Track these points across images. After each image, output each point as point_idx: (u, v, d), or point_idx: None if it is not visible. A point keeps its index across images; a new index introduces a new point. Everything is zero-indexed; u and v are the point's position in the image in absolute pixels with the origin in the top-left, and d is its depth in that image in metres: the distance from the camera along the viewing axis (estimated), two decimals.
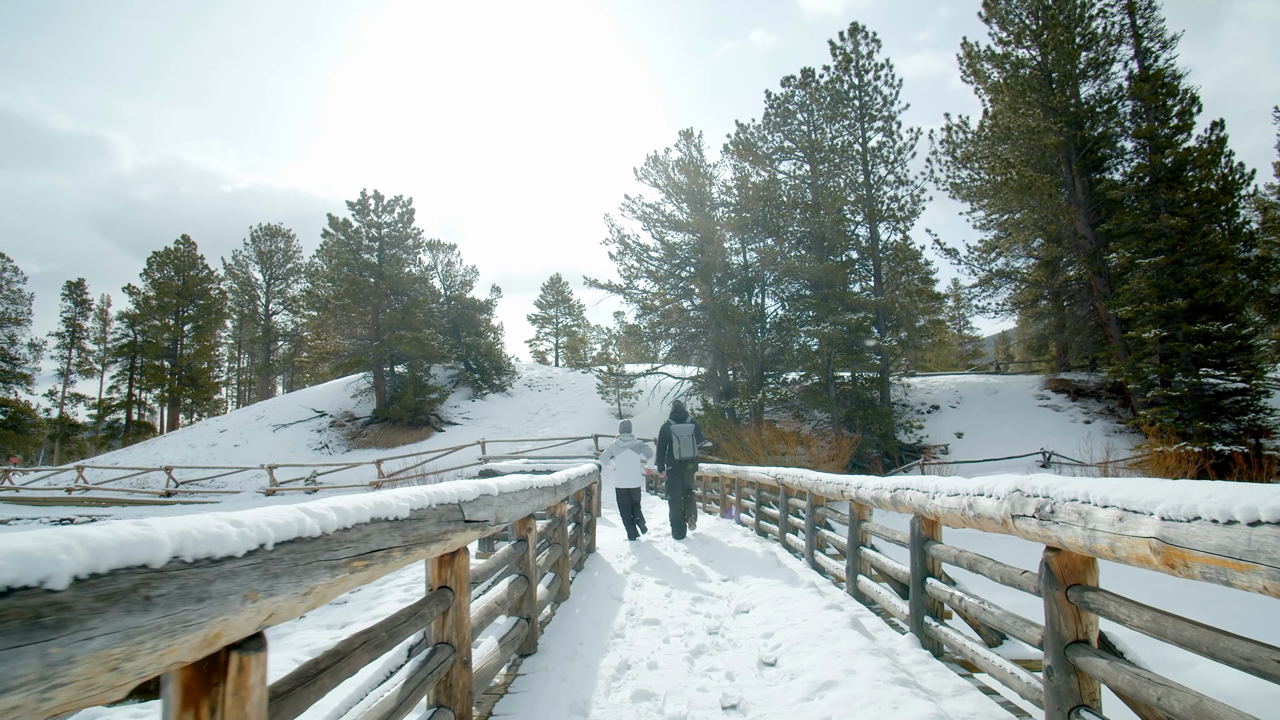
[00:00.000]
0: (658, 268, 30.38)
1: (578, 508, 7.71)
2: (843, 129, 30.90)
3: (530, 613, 4.47)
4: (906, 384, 31.62)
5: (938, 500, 4.12)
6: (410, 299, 35.37)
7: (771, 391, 26.58)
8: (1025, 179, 25.58)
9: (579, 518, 7.74)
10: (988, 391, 30.64)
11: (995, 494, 3.36)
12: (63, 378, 57.20)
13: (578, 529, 7.61)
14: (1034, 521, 2.99)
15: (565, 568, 6.12)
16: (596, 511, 9.40)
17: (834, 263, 27.97)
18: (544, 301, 56.14)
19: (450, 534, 2.67)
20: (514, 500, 3.71)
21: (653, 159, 29.92)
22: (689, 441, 10.25)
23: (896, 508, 4.90)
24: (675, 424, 10.32)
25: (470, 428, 33.20)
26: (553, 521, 5.82)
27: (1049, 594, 3.01)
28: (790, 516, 9.18)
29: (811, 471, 7.75)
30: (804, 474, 7.87)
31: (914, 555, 4.60)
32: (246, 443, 33.34)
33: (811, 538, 7.67)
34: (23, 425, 52.45)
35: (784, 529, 9.28)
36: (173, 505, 26.84)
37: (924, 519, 4.56)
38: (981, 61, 29.98)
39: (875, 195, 30.11)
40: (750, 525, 11.68)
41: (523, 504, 3.93)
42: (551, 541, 6.00)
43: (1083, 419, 27.02)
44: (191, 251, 55.80)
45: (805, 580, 6.49)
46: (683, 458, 10.18)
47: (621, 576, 7.19)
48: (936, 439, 26.92)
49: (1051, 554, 3.01)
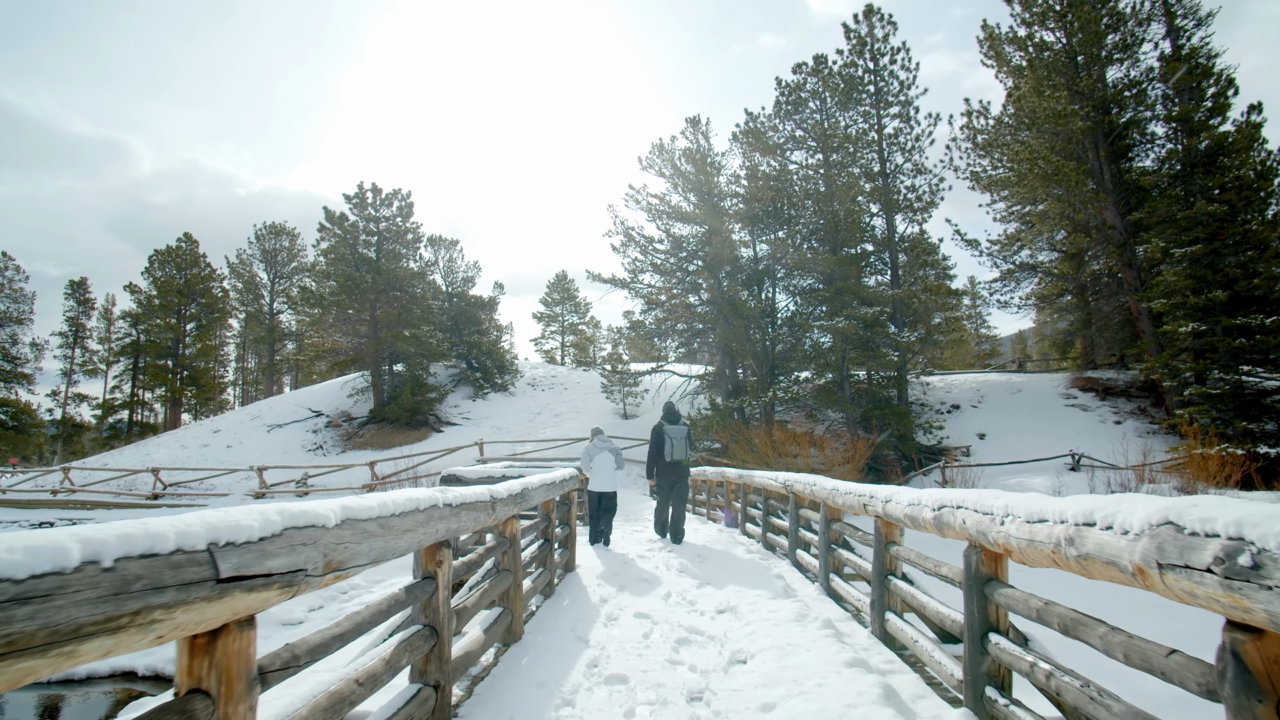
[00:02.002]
0: (663, 261, 29.09)
1: (546, 522, 6.48)
2: (857, 116, 29.56)
3: (440, 678, 3.25)
4: (925, 383, 30.22)
5: (1011, 527, 2.87)
6: (408, 295, 34.24)
7: (783, 390, 25.24)
8: (1052, 165, 24.16)
9: (549, 533, 6.50)
10: (1011, 390, 29.20)
11: (1125, 526, 2.11)
12: (66, 378, 56.62)
13: (546, 548, 6.37)
14: (1212, 579, 1.75)
15: (518, 601, 4.89)
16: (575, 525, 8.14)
17: (848, 255, 26.62)
18: (549, 299, 54.93)
19: (176, 609, 1.45)
20: (383, 530, 2.49)
21: (658, 147, 28.62)
22: (682, 444, 9.81)
23: (942, 531, 3.65)
24: (668, 425, 9.93)
25: (470, 428, 32.04)
26: (496, 545, 4.59)
27: (1242, 704, 1.75)
28: (802, 530, 7.91)
29: (826, 479, 6.49)
30: (817, 481, 6.61)
31: (970, 599, 3.34)
32: (240, 443, 32.31)
33: (826, 558, 6.41)
34: (24, 426, 51.86)
35: (794, 544, 8.01)
36: (158, 508, 25.81)
37: (984, 551, 3.30)
38: (1003, 44, 28.56)
39: (892, 185, 28.75)
40: (756, 537, 10.43)
41: (406, 534, 2.70)
42: (500, 569, 4.77)
43: (1113, 419, 25.56)
44: (194, 250, 55.03)
45: (819, 615, 5.23)
46: (675, 459, 9.75)
47: (596, 606, 5.94)
48: (958, 440, 25.54)
49: (1245, 637, 1.76)
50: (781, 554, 9.16)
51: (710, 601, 6.01)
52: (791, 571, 7.64)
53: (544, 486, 5.89)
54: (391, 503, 2.63)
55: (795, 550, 7.95)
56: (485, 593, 4.15)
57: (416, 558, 3.32)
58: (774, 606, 5.47)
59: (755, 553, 8.81)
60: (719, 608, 5.74)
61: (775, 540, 9.29)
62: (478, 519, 3.70)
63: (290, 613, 8.56)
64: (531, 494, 5.29)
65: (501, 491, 4.32)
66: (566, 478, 7.08)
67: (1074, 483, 20.26)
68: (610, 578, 7.20)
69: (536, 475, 6.36)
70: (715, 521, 13.61)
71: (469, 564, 3.89)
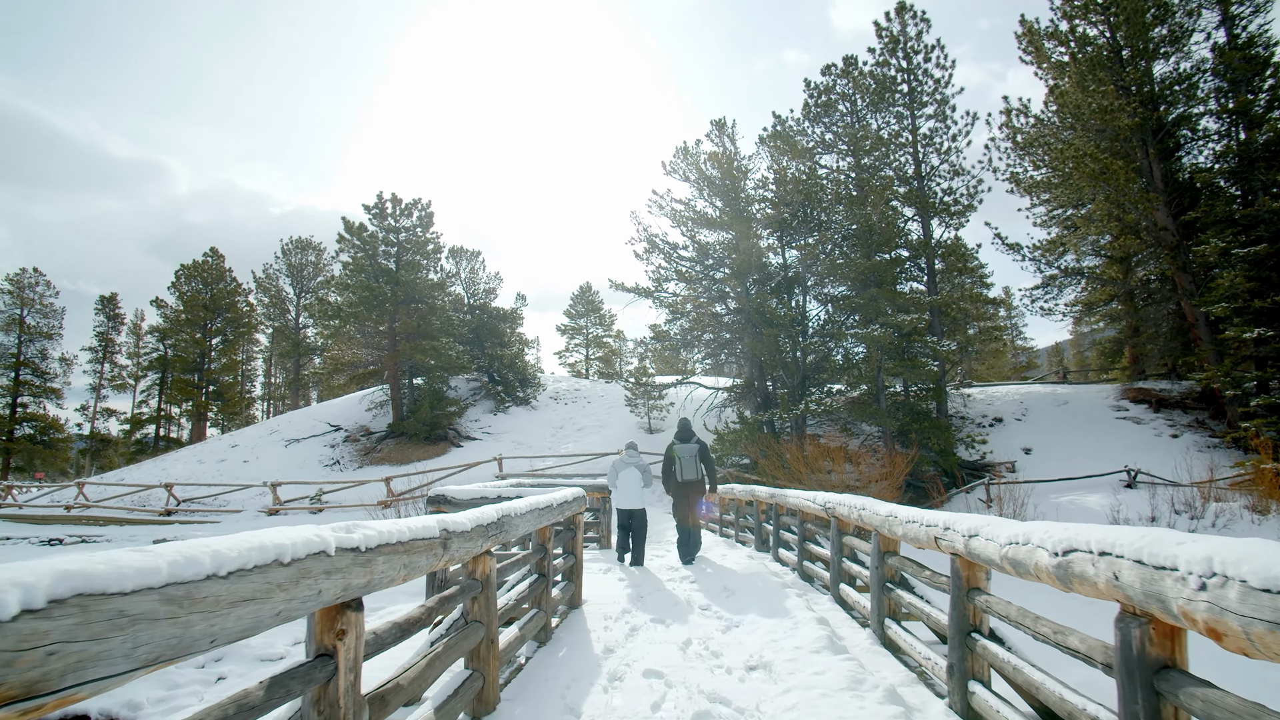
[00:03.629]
0: (689, 269, 27.99)
1: (542, 553, 5.42)
2: (890, 117, 28.36)
3: None
4: (965, 395, 28.79)
5: (1226, 594, 1.78)
6: (428, 306, 33.46)
7: (815, 402, 23.97)
8: (1100, 163, 22.76)
9: (545, 567, 5.44)
10: (1056, 403, 27.66)
11: None
12: (95, 393, 56.86)
13: (541, 584, 5.31)
14: None
15: (492, 661, 3.83)
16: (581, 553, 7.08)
17: (882, 261, 25.37)
18: (573, 311, 54.02)
19: None
20: (175, 607, 1.45)
21: (682, 151, 27.60)
22: (691, 463, 9.64)
23: (1071, 585, 2.54)
24: (678, 444, 9.79)
25: (490, 443, 31.11)
26: (460, 591, 3.54)
27: None
28: (846, 561, 6.77)
29: (880, 503, 5.36)
30: (867, 505, 5.49)
31: (1132, 695, 2.23)
32: (257, 458, 31.67)
33: (880, 599, 5.27)
34: (52, 440, 52.03)
35: (837, 577, 6.87)
36: (171, 524, 25.18)
37: (1155, 624, 2.19)
38: (1042, 39, 27.25)
39: (927, 188, 27.49)
40: (791, 565, 9.28)
41: (244, 605, 1.66)
42: (469, 619, 3.73)
43: (1168, 432, 23.97)
44: (220, 264, 55.09)
45: (877, 678, 4.11)
46: (684, 480, 9.60)
47: (599, 659, 4.86)
48: (1002, 455, 24.11)
49: None
50: (820, 586, 8.02)
51: (739, 653, 4.90)
52: (834, 610, 6.50)
53: (534, 512, 4.83)
54: (212, 554, 1.60)
55: (838, 584, 6.81)
56: (436, 660, 3.10)
57: (310, 626, 2.28)
58: (819, 665, 4.35)
59: (790, 585, 7.67)
60: (750, 663, 4.64)
61: (813, 570, 8.14)
62: (413, 564, 2.66)
63: None
64: (515, 522, 4.24)
65: (462, 522, 3.27)
66: (568, 499, 6.03)
67: (1132, 501, 18.78)
68: (621, 617, 6.13)
69: (531, 496, 5.32)
70: (745, 545, 12.47)
71: (405, 623, 2.84)
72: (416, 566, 2.68)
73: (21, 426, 51.30)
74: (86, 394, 57.16)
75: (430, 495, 6.99)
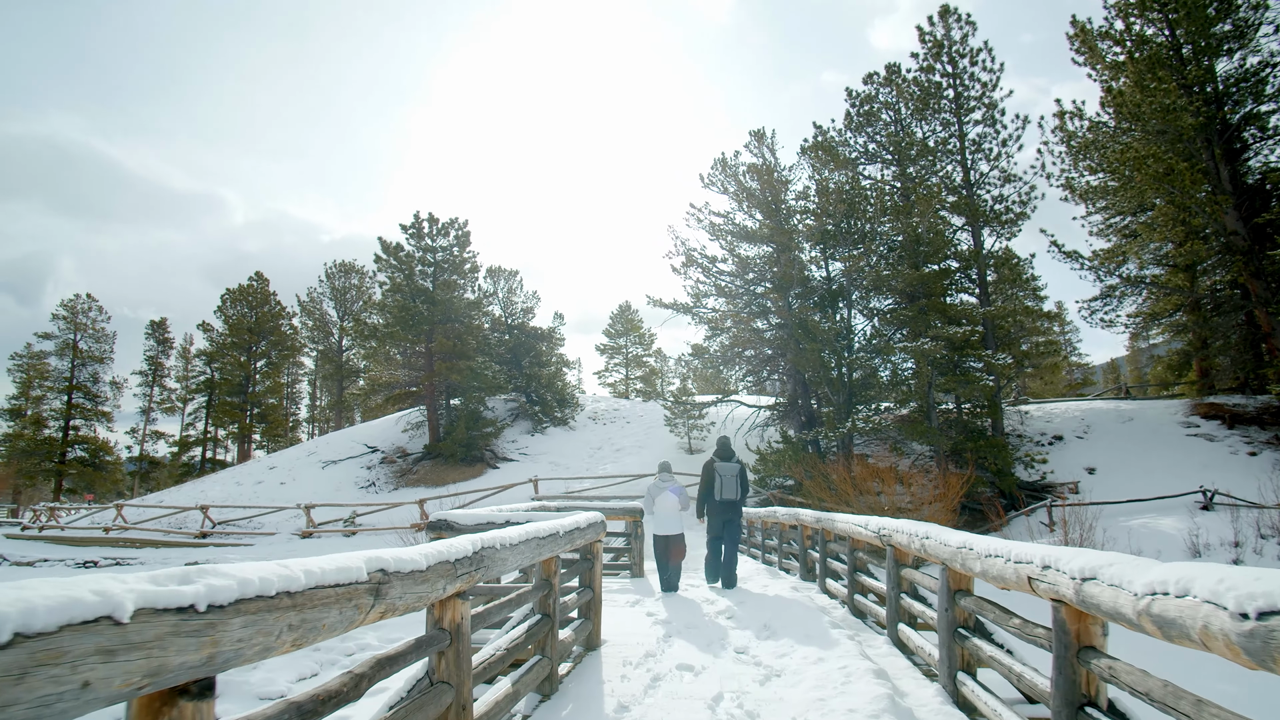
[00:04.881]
0: (728, 283, 27.14)
1: (547, 590, 4.64)
2: (936, 124, 27.34)
3: None
4: (1023, 412, 27.35)
5: None
6: (464, 326, 33.11)
7: (862, 420, 22.86)
8: (1163, 164, 21.45)
9: (549, 606, 4.66)
10: (1120, 419, 26.09)
11: None
12: (145, 415, 57.77)
13: (545, 626, 4.52)
14: None
15: None
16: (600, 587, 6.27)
17: (931, 271, 24.27)
18: (613, 331, 53.43)
19: None
20: None
21: (720, 162, 26.84)
22: (732, 482, 9.27)
23: (1275, 664, 1.69)
24: (719, 462, 9.41)
25: (526, 464, 30.50)
26: (417, 646, 2.77)
27: None
28: (905, 597, 5.85)
29: (947, 531, 4.49)
30: (932, 533, 4.61)
31: None
32: (293, 480, 31.47)
33: (952, 648, 4.38)
34: (102, 463, 52.94)
35: (895, 616, 5.95)
36: (205, 547, 24.99)
37: None
38: (1096, 39, 26.02)
39: (977, 196, 26.34)
40: (840, 598, 8.36)
41: None
42: (434, 679, 2.96)
43: (1245, 449, 22.34)
44: (264, 288, 55.81)
45: None
46: (724, 499, 9.26)
47: None
48: (1063, 475, 22.70)
49: None
50: (874, 623, 7.11)
51: (779, 716, 4.05)
52: (893, 655, 5.60)
53: (531, 542, 4.06)
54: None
55: (896, 624, 5.90)
56: None
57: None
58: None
59: (840, 622, 6.76)
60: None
61: (865, 605, 7.21)
62: (311, 623, 1.90)
63: None
64: (500, 555, 3.47)
65: (410, 559, 2.52)
66: (579, 525, 5.24)
67: (1211, 524, 17.33)
68: (644, 662, 5.30)
69: (537, 522, 4.56)
70: (789, 573, 11.53)
71: (310, 703, 2.06)
72: (317, 626, 1.92)
73: (73, 449, 52.32)
74: (137, 417, 58.13)
75: (431, 521, 6.29)
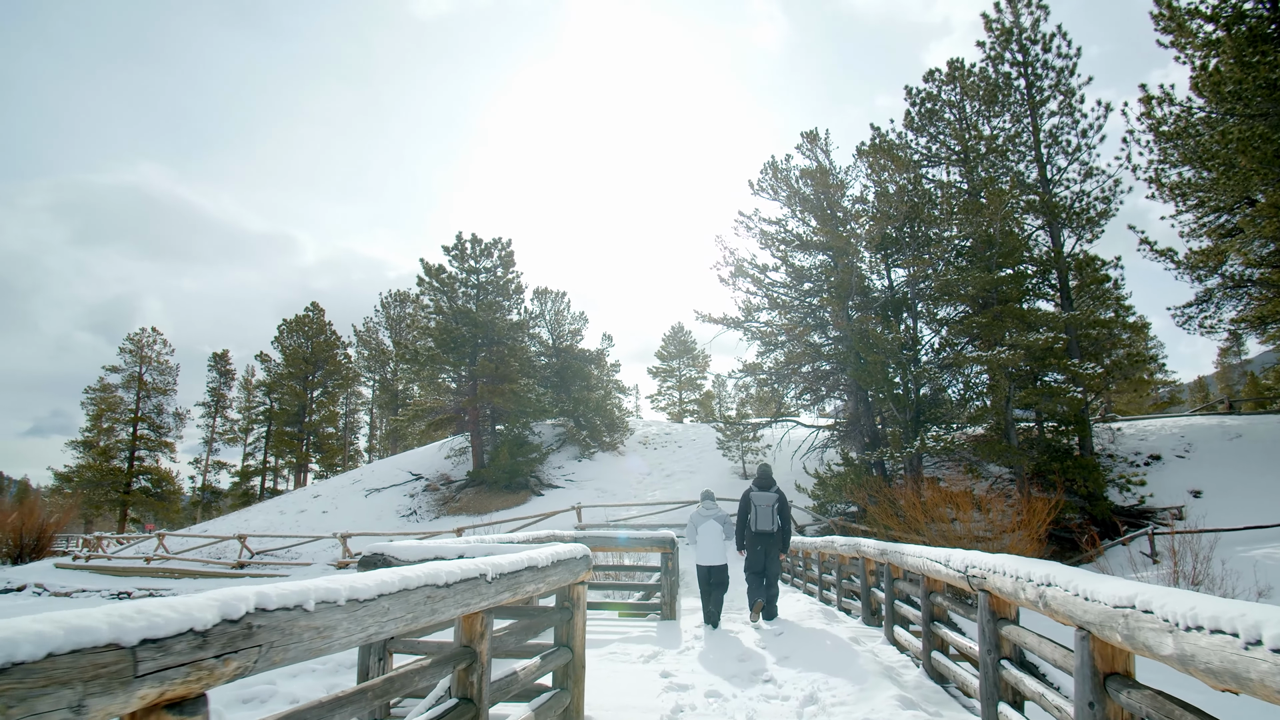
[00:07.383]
0: (781, 295, 25.35)
1: (469, 661, 3.06)
2: (1006, 120, 25.21)
3: None
4: (1114, 429, 24.70)
5: None
6: (507, 348, 31.99)
7: (932, 439, 20.69)
8: (1274, 147, 18.99)
9: (469, 686, 3.07)
10: (1226, 436, 23.25)
11: None
12: (207, 446, 58.61)
13: (464, 716, 2.92)
14: None
15: None
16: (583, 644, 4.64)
17: (1005, 275, 22.09)
18: (665, 353, 51.85)
19: None
20: None
21: (771, 166, 25.16)
22: (768, 513, 8.90)
23: None
24: (755, 491, 9.04)
25: (572, 490, 29.00)
26: None
27: None
28: (1006, 665, 4.07)
29: (1087, 576, 2.76)
30: (1055, 577, 2.89)
31: None
32: (336, 509, 30.63)
33: None
34: (165, 493, 53.62)
35: (995, 691, 4.16)
36: (242, 577, 24.15)
37: None
38: (1184, 17, 23.62)
39: (1054, 194, 24.08)
40: (914, 652, 6.49)
41: None
42: None
43: None
44: (319, 318, 56.16)
45: None
46: (759, 530, 8.86)
47: None
48: (1165, 499, 20.10)
49: None
50: (956, 689, 5.31)
51: None
52: None
53: (421, 590, 2.49)
54: None
55: (996, 702, 4.12)
56: None
57: None
58: None
59: (913, 692, 4.99)
60: None
61: (945, 667, 5.39)
62: None
63: None
64: (306, 624, 1.91)
65: None
66: (536, 563, 3.65)
67: None
68: None
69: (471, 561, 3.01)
70: (851, 615, 9.68)
71: None
72: None
73: (138, 479, 53.13)
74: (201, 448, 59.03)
75: (364, 556, 4.78)
